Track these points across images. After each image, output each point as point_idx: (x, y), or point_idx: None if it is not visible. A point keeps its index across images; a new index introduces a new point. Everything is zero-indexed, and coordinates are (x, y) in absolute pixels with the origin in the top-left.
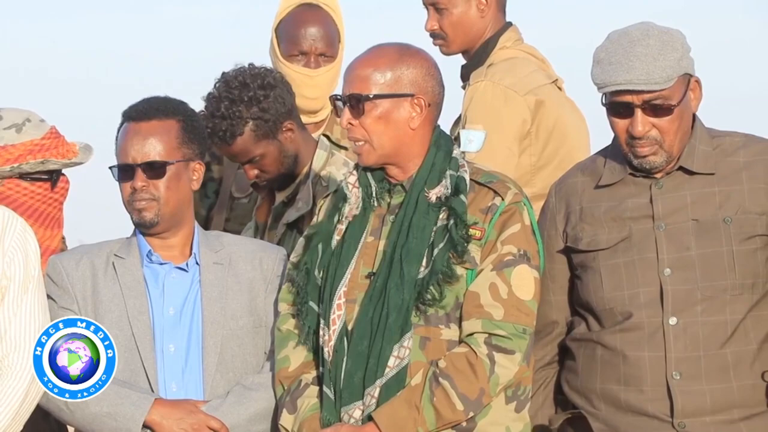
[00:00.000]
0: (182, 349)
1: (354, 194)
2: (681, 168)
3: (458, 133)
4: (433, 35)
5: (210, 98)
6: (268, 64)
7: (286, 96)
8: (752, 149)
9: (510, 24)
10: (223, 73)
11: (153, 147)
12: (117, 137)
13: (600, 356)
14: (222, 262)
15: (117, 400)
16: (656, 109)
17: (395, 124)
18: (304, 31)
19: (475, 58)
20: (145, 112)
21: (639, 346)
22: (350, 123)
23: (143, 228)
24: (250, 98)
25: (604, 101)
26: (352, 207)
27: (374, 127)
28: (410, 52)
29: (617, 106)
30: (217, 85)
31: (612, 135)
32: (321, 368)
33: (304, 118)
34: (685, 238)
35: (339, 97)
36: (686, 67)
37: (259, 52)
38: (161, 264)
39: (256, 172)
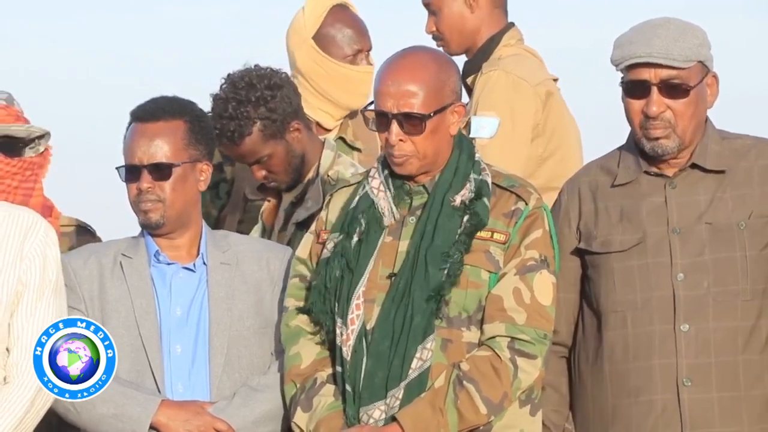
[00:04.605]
0: (189, 349)
1: (382, 199)
2: (694, 166)
3: (468, 120)
4: (434, 37)
5: (217, 99)
6: (274, 65)
7: (293, 96)
8: (763, 151)
9: (512, 24)
10: (229, 74)
11: (159, 148)
12: (125, 137)
13: (609, 367)
14: (229, 262)
15: (123, 401)
16: (672, 90)
17: (441, 134)
18: (356, 31)
19: (479, 54)
20: (152, 112)
21: (650, 352)
22: (401, 140)
23: (149, 229)
24: (257, 98)
25: (621, 81)
26: (385, 214)
27: (426, 141)
28: (444, 59)
29: (634, 86)
30: (223, 86)
31: (625, 137)
32: (338, 367)
33: (333, 120)
34: (699, 242)
35: (384, 113)
36: (704, 56)
37: (260, 53)
38: (168, 264)
39: (263, 173)
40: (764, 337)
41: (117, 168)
